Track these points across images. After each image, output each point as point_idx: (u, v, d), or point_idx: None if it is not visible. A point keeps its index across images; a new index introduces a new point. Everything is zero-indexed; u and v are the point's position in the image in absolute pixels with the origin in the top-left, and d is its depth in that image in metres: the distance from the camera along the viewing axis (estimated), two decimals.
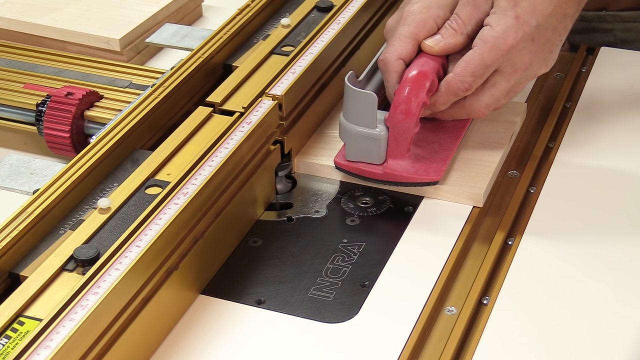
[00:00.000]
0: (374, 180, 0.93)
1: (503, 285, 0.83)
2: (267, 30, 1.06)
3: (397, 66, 0.92)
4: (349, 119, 0.91)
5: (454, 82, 0.91)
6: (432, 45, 0.91)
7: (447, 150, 0.94)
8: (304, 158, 0.96)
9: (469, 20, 0.91)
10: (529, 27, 0.89)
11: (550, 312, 0.80)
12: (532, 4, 0.89)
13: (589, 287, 0.83)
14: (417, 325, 0.79)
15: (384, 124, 0.90)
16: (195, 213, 0.81)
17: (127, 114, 0.91)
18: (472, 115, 0.95)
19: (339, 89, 1.00)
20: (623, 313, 0.80)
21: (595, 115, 1.04)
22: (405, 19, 0.93)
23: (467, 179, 0.93)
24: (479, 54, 0.89)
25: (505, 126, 0.99)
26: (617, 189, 0.94)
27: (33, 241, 0.79)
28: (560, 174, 0.96)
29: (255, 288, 0.83)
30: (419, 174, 0.91)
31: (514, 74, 0.92)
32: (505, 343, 0.78)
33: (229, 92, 0.93)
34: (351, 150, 0.92)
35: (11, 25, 1.16)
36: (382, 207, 0.92)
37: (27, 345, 0.67)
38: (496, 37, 0.89)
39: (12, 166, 0.89)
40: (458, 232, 0.88)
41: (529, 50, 0.90)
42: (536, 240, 0.88)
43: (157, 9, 1.18)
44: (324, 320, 0.80)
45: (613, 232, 0.89)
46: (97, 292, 0.71)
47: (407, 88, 0.90)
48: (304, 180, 0.95)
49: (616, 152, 0.98)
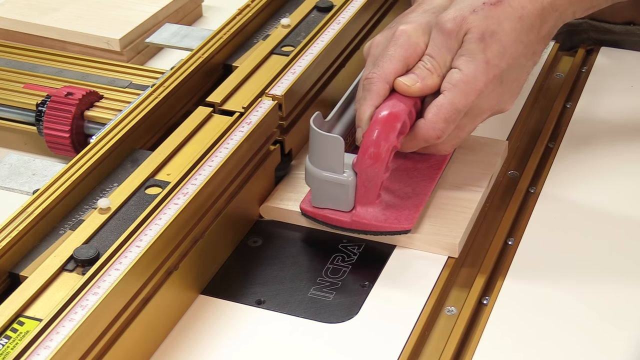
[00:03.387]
0: (343, 228, 0.87)
1: (503, 285, 0.83)
2: (267, 30, 1.06)
3: (382, 89, 0.86)
4: (314, 163, 0.85)
5: (425, 129, 0.86)
6: (408, 85, 0.86)
7: (421, 195, 0.88)
8: (269, 203, 0.90)
9: (444, 62, 0.86)
10: (499, 70, 0.86)
11: (550, 312, 0.80)
12: (502, 47, 0.85)
13: (589, 287, 0.83)
14: (417, 325, 0.79)
15: (352, 169, 0.85)
16: (195, 213, 0.81)
17: (127, 114, 0.91)
18: (436, 153, 0.91)
19: (339, 89, 1.00)
20: (623, 313, 0.80)
21: (595, 115, 1.04)
22: (398, 39, 0.87)
23: (442, 226, 0.86)
24: (450, 99, 0.85)
25: (485, 167, 0.93)
26: (617, 189, 0.93)
27: (33, 241, 0.79)
28: (560, 174, 0.96)
29: (255, 288, 0.83)
30: (390, 222, 0.85)
31: (480, 116, 0.88)
32: (505, 343, 0.78)
33: (229, 92, 0.93)
34: (317, 196, 0.87)
35: (11, 25, 1.16)
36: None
37: (27, 345, 0.67)
38: (466, 82, 0.85)
39: (12, 166, 0.89)
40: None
41: (496, 92, 0.87)
42: (536, 240, 0.88)
43: (157, 9, 1.18)
44: (324, 320, 0.80)
45: (613, 231, 0.89)
46: (97, 292, 0.71)
47: (377, 130, 0.84)
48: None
49: (616, 152, 0.98)
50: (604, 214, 0.91)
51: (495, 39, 0.85)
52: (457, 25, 0.85)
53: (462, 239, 0.86)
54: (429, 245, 0.86)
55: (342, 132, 0.89)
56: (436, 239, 0.85)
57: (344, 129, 0.90)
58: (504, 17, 0.85)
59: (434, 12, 0.90)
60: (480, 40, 0.85)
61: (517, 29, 0.86)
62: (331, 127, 0.88)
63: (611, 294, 0.82)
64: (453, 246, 0.85)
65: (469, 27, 0.85)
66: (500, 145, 0.96)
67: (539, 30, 0.87)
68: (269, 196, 0.91)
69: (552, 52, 1.14)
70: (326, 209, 0.87)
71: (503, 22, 0.85)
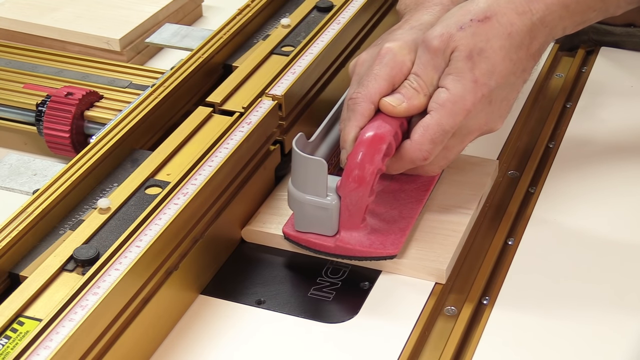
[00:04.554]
0: (327, 253, 0.84)
1: (503, 285, 0.83)
2: (267, 30, 1.06)
3: (367, 110, 0.83)
4: (297, 187, 0.82)
5: (412, 150, 0.83)
6: (394, 105, 0.83)
7: (408, 218, 0.85)
8: (251, 226, 0.88)
9: (431, 81, 0.84)
10: (487, 89, 0.83)
11: (550, 312, 0.80)
12: (491, 65, 0.82)
13: (589, 287, 0.83)
14: (417, 325, 0.79)
15: (336, 193, 0.82)
16: (195, 213, 0.81)
17: (127, 114, 0.91)
18: (423, 174, 0.89)
19: (339, 89, 1.00)
20: (623, 313, 0.80)
21: (595, 115, 1.04)
22: (383, 57, 0.85)
23: (429, 251, 0.84)
24: (437, 119, 0.82)
25: (474, 188, 0.90)
26: (617, 189, 0.93)
27: (33, 241, 0.79)
28: (560, 174, 0.95)
29: (255, 288, 0.83)
30: (375, 247, 0.82)
31: (468, 136, 0.86)
32: (505, 343, 0.78)
33: (229, 92, 0.93)
34: (300, 220, 0.84)
35: (11, 25, 1.16)
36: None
37: (26, 345, 0.67)
38: (454, 102, 0.82)
39: (12, 166, 0.89)
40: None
41: (485, 112, 0.84)
42: (536, 240, 0.88)
43: (157, 9, 1.18)
44: (324, 320, 0.80)
45: (613, 231, 0.88)
46: (96, 292, 0.71)
47: (361, 152, 0.81)
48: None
49: (616, 152, 0.98)
50: (604, 213, 0.91)
51: (483, 56, 0.82)
52: (444, 43, 0.83)
53: (449, 264, 0.83)
54: (415, 270, 0.83)
55: (326, 153, 0.87)
56: (423, 264, 0.83)
57: (328, 150, 0.87)
58: (492, 34, 0.83)
59: (421, 28, 0.87)
60: (467, 58, 0.82)
61: (506, 46, 0.83)
62: (315, 148, 0.85)
63: (612, 293, 0.82)
64: (440, 272, 0.82)
65: (456, 45, 0.82)
66: (491, 165, 0.93)
67: (528, 47, 0.84)
68: (251, 219, 0.88)
69: (552, 52, 1.14)
70: (309, 233, 0.84)
71: (491, 39, 0.82)
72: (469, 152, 0.90)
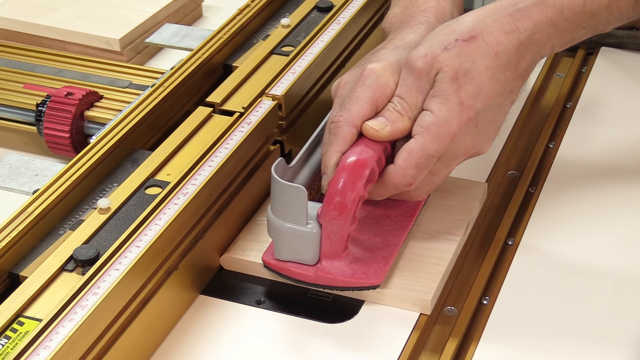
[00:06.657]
0: (308, 283, 0.81)
1: (503, 285, 0.83)
2: (267, 30, 1.06)
3: (349, 134, 0.80)
4: (276, 214, 0.79)
5: (395, 176, 0.81)
6: (377, 129, 0.80)
7: (392, 246, 0.82)
8: (230, 253, 0.85)
9: (415, 104, 0.81)
10: (474, 112, 0.80)
11: (550, 312, 0.80)
12: (477, 86, 0.79)
13: (589, 287, 0.83)
14: (417, 326, 0.79)
15: (317, 220, 0.79)
16: (195, 213, 0.81)
17: (127, 114, 0.91)
18: (408, 199, 0.86)
19: None
20: (623, 313, 0.80)
21: (595, 115, 1.04)
22: (366, 79, 0.82)
23: (414, 280, 0.81)
24: (421, 143, 0.79)
25: (462, 213, 0.87)
26: (617, 189, 0.93)
27: (33, 241, 0.79)
28: (560, 174, 0.96)
29: (255, 288, 0.83)
30: (357, 277, 0.79)
31: (454, 160, 0.83)
32: (505, 343, 0.78)
33: (229, 92, 0.93)
34: (280, 248, 0.81)
35: (11, 25, 1.16)
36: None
37: (26, 345, 0.67)
38: (439, 126, 0.79)
39: (12, 166, 0.89)
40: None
41: (472, 135, 0.81)
42: (536, 240, 0.88)
43: (157, 9, 1.18)
44: (324, 320, 0.80)
45: (613, 231, 0.89)
46: (96, 292, 0.71)
47: (343, 179, 0.78)
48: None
49: (616, 152, 0.98)
50: (604, 213, 0.91)
51: (469, 78, 0.79)
52: (428, 64, 0.80)
53: (434, 294, 0.80)
54: (399, 301, 0.80)
55: (308, 178, 0.84)
56: (407, 294, 0.80)
57: (310, 175, 0.84)
58: (478, 54, 0.79)
59: (405, 48, 0.85)
60: (453, 80, 0.79)
61: (493, 67, 0.80)
62: (296, 173, 0.83)
63: (612, 293, 0.82)
64: (425, 302, 0.79)
65: (441, 66, 0.79)
66: (479, 188, 0.90)
67: (516, 67, 0.81)
68: (230, 245, 0.85)
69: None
70: (289, 262, 0.81)
71: (477, 59, 0.79)
72: (457, 174, 0.89)
